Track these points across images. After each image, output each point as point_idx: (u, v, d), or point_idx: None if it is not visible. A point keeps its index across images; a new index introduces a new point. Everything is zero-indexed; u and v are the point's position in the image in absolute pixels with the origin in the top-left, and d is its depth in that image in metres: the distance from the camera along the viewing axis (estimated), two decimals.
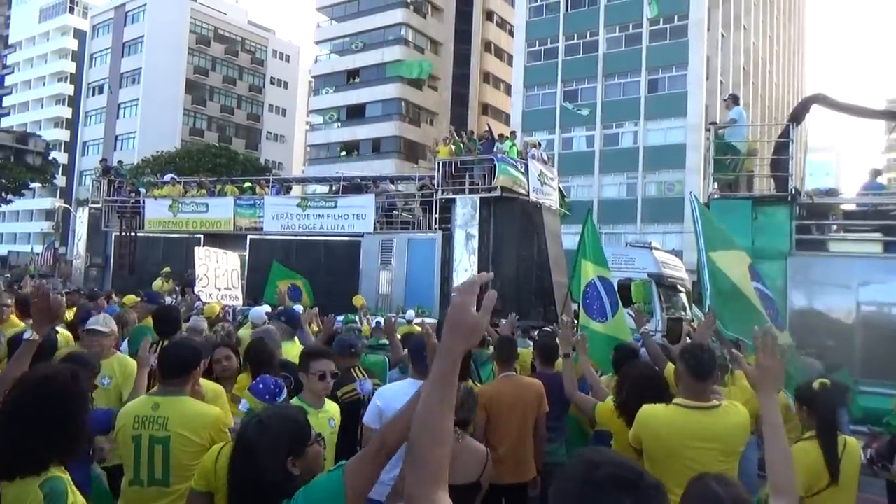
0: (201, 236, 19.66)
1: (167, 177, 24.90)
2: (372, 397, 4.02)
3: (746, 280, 5.16)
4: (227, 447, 2.85)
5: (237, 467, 2.17)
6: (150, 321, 5.78)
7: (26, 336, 3.20)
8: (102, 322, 4.47)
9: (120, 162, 27.96)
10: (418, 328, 9.36)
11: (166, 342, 4.83)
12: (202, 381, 3.75)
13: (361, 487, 1.87)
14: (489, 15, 51.50)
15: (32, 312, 3.16)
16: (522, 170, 16.87)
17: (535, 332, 9.73)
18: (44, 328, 3.15)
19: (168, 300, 10.01)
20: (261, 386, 2.87)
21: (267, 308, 8.16)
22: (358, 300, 13.61)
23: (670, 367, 4.65)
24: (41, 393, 2.27)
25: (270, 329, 5.44)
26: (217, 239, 18.65)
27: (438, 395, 1.44)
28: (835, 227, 10.46)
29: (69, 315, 6.69)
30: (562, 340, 4.81)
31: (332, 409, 3.65)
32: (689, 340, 6.62)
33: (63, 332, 5.18)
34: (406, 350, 5.18)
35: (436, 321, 12.47)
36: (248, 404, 2.84)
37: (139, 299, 7.86)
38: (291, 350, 5.17)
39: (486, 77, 51.26)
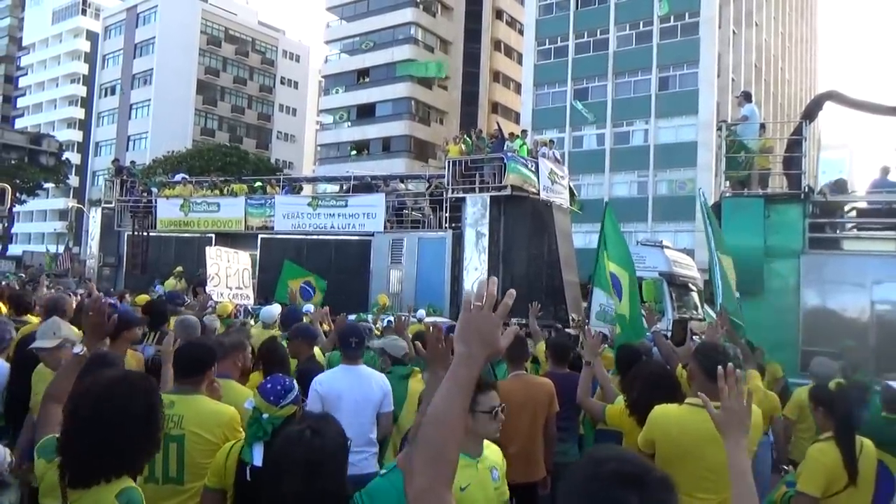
0: (213, 236, 19.76)
1: (178, 176, 25.06)
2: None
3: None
4: (238, 444, 2.86)
5: (298, 485, 2.05)
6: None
7: (76, 350, 3.25)
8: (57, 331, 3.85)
9: (132, 162, 28.16)
10: (426, 327, 9.37)
11: (157, 334, 5.17)
12: (234, 382, 3.81)
13: None
14: (499, 13, 51.42)
15: (85, 327, 3.17)
16: (533, 168, 16.83)
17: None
18: (96, 344, 3.17)
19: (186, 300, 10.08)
20: (269, 385, 2.86)
21: (278, 307, 8.19)
22: (382, 299, 13.71)
23: (679, 367, 4.64)
24: (123, 393, 2.22)
25: (191, 320, 5.34)
26: (228, 238, 18.74)
27: (461, 401, 1.48)
28: (848, 225, 10.38)
29: None
30: (588, 349, 4.61)
31: (492, 455, 2.91)
32: (693, 341, 6.64)
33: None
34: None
35: (446, 320, 12.48)
36: (253, 402, 2.84)
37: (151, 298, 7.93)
38: None
39: (496, 76, 51.20)
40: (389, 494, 2.11)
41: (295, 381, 2.97)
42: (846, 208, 10.66)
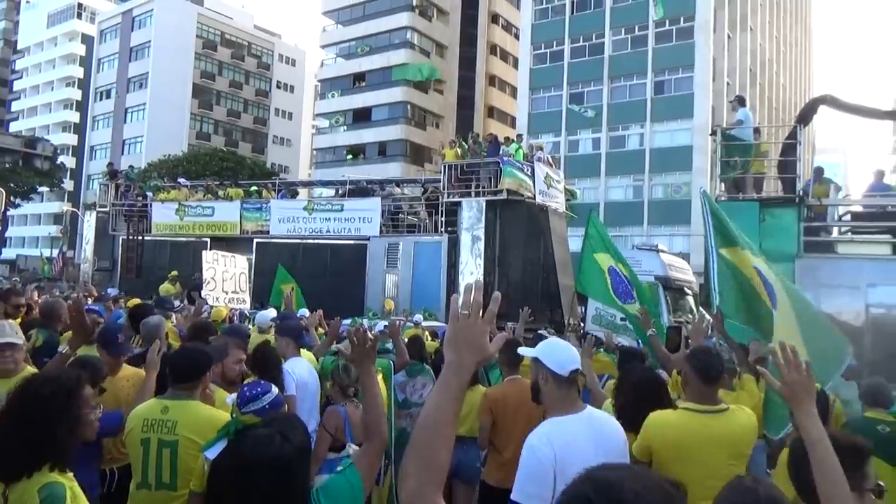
0: (208, 240, 19.72)
1: (179, 180, 25.03)
2: None
3: (756, 277, 5.09)
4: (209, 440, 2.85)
5: (266, 487, 2.03)
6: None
7: (60, 349, 3.24)
8: (12, 332, 3.65)
9: (131, 167, 28.07)
10: (424, 331, 9.35)
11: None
12: (215, 387, 3.78)
13: (371, 479, 2.29)
14: (494, 18, 51.53)
15: (71, 328, 3.17)
16: (528, 173, 16.85)
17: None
18: (79, 343, 3.16)
19: (176, 304, 10.04)
20: (244, 388, 2.84)
21: (273, 312, 8.17)
22: (388, 304, 13.72)
23: (674, 374, 4.64)
24: (15, 398, 2.33)
25: (154, 321, 5.25)
26: (224, 242, 18.70)
27: (454, 408, 1.52)
28: (843, 228, 10.41)
29: None
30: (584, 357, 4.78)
31: None
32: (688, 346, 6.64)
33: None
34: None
35: (442, 324, 12.46)
36: (233, 398, 2.84)
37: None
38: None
39: (492, 80, 51.26)
40: (344, 491, 2.17)
41: (274, 391, 2.94)
42: (841, 211, 10.70)
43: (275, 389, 2.93)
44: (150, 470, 3.16)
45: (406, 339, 6.17)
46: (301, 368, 4.83)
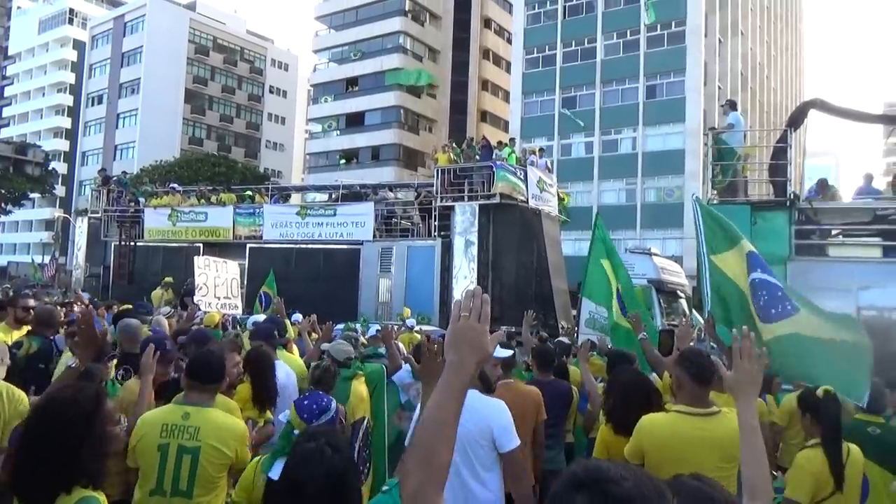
0: (200, 245, 19.66)
1: (172, 186, 24.97)
2: None
3: (744, 278, 5.08)
4: (265, 458, 2.83)
5: (324, 500, 2.04)
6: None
7: (70, 364, 3.23)
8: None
9: (124, 172, 27.99)
10: (418, 335, 9.34)
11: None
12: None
13: None
14: (487, 22, 51.66)
15: (79, 341, 3.15)
16: (521, 177, 16.89)
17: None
18: (89, 356, 3.14)
19: (167, 310, 10.01)
20: (305, 402, 2.83)
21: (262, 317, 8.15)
22: (405, 312, 13.83)
23: (666, 377, 4.64)
24: (35, 424, 2.27)
25: (133, 324, 5.33)
26: (216, 248, 18.64)
27: (454, 406, 1.54)
28: (834, 231, 10.45)
29: None
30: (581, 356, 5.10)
31: None
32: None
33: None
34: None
35: (436, 328, 12.46)
36: (288, 415, 2.81)
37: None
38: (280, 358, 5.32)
39: (485, 84, 51.37)
40: None
41: (334, 401, 2.92)
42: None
43: (334, 402, 2.92)
44: (166, 476, 3.09)
45: (401, 344, 6.17)
46: (279, 371, 4.87)
